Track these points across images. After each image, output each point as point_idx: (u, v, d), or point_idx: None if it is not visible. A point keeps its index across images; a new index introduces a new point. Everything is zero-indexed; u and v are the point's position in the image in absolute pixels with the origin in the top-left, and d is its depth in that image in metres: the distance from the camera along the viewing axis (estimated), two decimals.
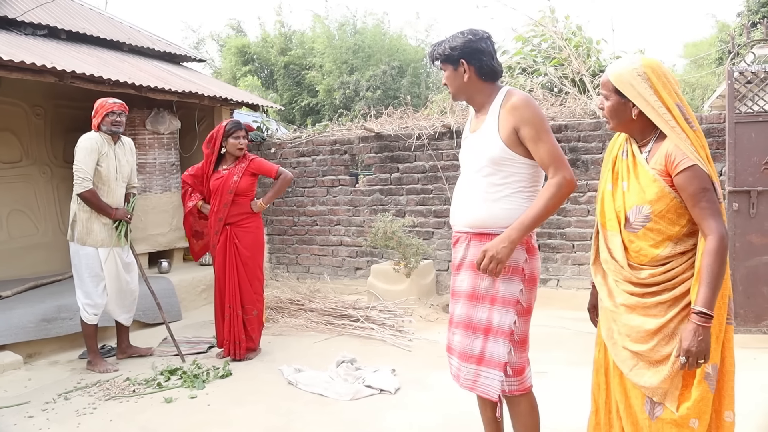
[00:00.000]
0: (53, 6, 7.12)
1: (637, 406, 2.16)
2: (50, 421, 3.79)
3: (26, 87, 6.38)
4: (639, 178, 2.14)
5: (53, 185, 7.07)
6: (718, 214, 2.03)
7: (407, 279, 6.15)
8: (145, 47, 7.95)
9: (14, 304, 5.19)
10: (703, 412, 2.06)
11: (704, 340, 1.99)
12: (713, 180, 2.04)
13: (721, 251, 1.99)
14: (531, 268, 2.54)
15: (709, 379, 2.07)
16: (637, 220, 2.14)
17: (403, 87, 17.65)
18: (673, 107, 2.08)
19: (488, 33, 2.59)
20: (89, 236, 4.63)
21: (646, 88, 2.09)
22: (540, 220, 2.42)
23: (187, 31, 23.72)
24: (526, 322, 2.55)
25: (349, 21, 19.78)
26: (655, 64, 2.12)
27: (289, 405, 3.94)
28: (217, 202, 4.90)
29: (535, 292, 2.60)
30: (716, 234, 2.00)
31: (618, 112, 2.17)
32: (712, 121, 5.35)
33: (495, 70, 2.55)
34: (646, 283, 2.13)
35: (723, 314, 2.07)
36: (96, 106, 4.68)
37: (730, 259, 4.91)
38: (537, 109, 2.44)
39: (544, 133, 2.41)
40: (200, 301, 6.82)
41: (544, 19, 8.28)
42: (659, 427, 2.11)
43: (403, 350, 4.98)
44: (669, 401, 2.10)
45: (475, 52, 2.52)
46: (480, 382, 2.51)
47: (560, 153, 2.43)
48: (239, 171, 4.91)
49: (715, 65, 17.06)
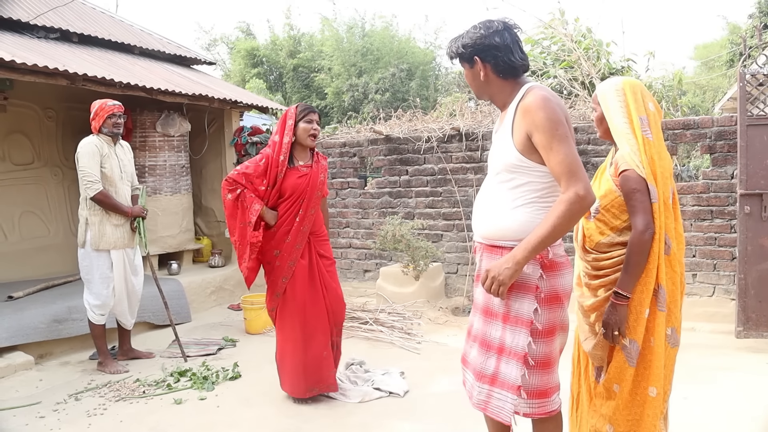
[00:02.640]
0: (65, 9, 7.17)
1: (590, 371, 2.60)
2: (61, 422, 3.81)
3: (38, 90, 6.43)
4: (602, 177, 2.56)
5: (64, 187, 7.11)
6: (644, 212, 2.34)
7: (416, 282, 6.14)
8: (156, 50, 7.99)
9: (26, 305, 5.22)
10: (621, 379, 2.42)
11: (618, 315, 2.36)
12: (649, 183, 2.35)
13: (638, 243, 2.33)
14: (550, 285, 2.29)
15: (626, 351, 2.41)
16: (593, 211, 2.52)
17: (411, 89, 17.66)
18: (634, 118, 2.43)
19: (506, 23, 2.34)
20: (102, 240, 4.66)
21: (616, 102, 2.47)
22: (548, 240, 2.14)
23: (199, 32, 23.75)
24: (547, 344, 2.30)
25: (358, 24, 19.81)
26: (635, 82, 2.53)
27: (298, 407, 3.95)
28: (301, 207, 3.88)
29: (561, 312, 2.33)
30: (637, 228, 2.34)
31: (601, 121, 2.56)
32: (724, 124, 5.32)
33: (513, 66, 2.29)
34: (593, 265, 2.51)
35: (645, 299, 2.36)
36: (95, 108, 4.70)
37: (740, 264, 4.91)
38: (551, 112, 2.15)
39: (556, 141, 2.13)
40: (209, 302, 6.85)
41: (553, 22, 8.26)
42: (599, 390, 2.51)
43: (412, 353, 4.97)
44: (604, 368, 2.51)
45: (488, 48, 2.28)
46: (492, 404, 2.33)
47: (574, 164, 2.12)
48: (322, 169, 4.04)
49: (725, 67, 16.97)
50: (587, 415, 2.59)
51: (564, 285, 2.33)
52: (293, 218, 3.87)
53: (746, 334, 4.93)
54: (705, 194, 5.37)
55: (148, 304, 5.62)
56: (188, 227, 7.29)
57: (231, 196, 3.82)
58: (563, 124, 2.16)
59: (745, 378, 4.14)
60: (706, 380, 4.06)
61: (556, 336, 2.33)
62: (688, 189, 5.42)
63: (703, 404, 3.67)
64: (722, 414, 3.56)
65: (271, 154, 3.87)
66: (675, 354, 2.47)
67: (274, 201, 3.90)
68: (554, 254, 2.30)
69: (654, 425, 2.38)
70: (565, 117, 2.21)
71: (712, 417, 3.52)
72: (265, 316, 5.80)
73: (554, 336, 2.32)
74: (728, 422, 3.47)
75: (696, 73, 20.89)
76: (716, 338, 5.03)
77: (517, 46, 2.31)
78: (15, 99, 6.50)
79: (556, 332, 2.33)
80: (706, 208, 5.38)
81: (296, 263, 3.91)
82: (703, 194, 5.38)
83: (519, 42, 2.34)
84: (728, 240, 5.30)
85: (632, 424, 2.41)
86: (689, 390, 3.77)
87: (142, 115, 6.81)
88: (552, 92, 2.28)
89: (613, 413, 2.44)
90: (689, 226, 5.42)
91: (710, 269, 5.39)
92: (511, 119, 2.26)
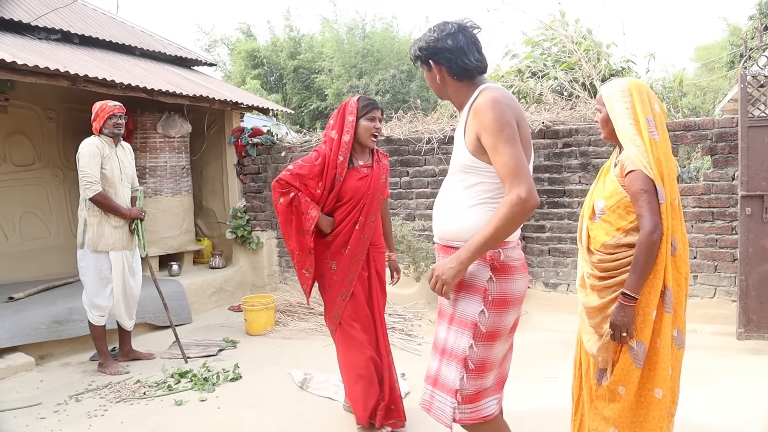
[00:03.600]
0: (66, 11, 7.18)
1: (592, 373, 2.55)
2: (62, 423, 3.81)
3: (39, 91, 6.43)
4: (605, 178, 2.56)
5: (65, 188, 7.11)
6: (652, 213, 2.33)
7: (417, 283, 6.14)
8: (157, 51, 8.00)
9: (26, 306, 5.22)
10: (627, 381, 2.40)
11: (626, 317, 2.34)
12: (657, 184, 2.34)
13: (647, 244, 2.31)
14: (500, 289, 2.25)
15: (633, 353, 2.38)
16: (597, 212, 2.52)
17: (412, 91, 17.68)
18: (641, 119, 2.43)
19: (461, 25, 2.30)
20: (101, 241, 4.66)
21: (621, 103, 2.47)
22: (490, 242, 2.11)
23: (199, 33, 23.77)
24: (486, 348, 2.26)
25: (358, 25, 19.84)
26: (641, 84, 2.54)
27: (299, 409, 3.95)
28: (361, 213, 3.43)
29: (508, 317, 2.29)
30: (645, 229, 2.32)
31: (606, 122, 2.56)
32: (725, 126, 5.32)
33: (466, 69, 2.26)
34: (598, 267, 2.48)
35: (653, 300, 2.34)
36: (95, 109, 4.70)
37: (742, 265, 4.90)
38: (499, 114, 2.12)
39: (501, 142, 2.10)
40: (210, 304, 6.85)
41: (554, 23, 8.26)
42: (601, 393, 2.49)
43: (412, 354, 4.97)
44: (609, 370, 2.47)
45: (441, 50, 2.27)
46: (435, 405, 2.32)
47: (518, 166, 2.08)
48: (384, 169, 3.57)
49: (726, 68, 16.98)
50: (588, 418, 2.57)
51: (515, 290, 2.29)
52: (352, 225, 3.41)
53: (747, 335, 4.93)
54: (706, 195, 5.37)
55: (148, 305, 5.62)
56: (189, 228, 7.29)
57: (284, 200, 3.35)
58: (510, 126, 2.12)
59: (746, 380, 4.13)
60: (707, 382, 4.06)
61: (498, 341, 2.29)
62: (689, 190, 5.42)
63: (705, 406, 3.67)
64: (723, 415, 3.56)
65: (328, 153, 3.39)
66: (681, 355, 2.46)
67: (330, 206, 3.42)
68: (507, 257, 2.26)
69: (660, 427, 2.37)
70: (515, 118, 2.17)
71: (713, 418, 3.52)
72: (266, 317, 5.82)
73: (495, 341, 2.28)
74: (729, 423, 3.46)
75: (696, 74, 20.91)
76: (717, 340, 5.03)
77: (472, 47, 2.28)
78: (16, 100, 6.50)
79: (499, 337, 2.29)
80: (707, 210, 5.38)
81: (356, 278, 3.46)
82: (704, 195, 5.38)
83: (476, 43, 2.30)
84: (729, 241, 5.29)
85: (637, 426, 2.40)
86: (690, 391, 3.76)
87: (143, 116, 6.82)
88: (505, 93, 2.25)
89: (618, 416, 2.42)
90: (690, 227, 5.42)
91: (711, 271, 5.38)
92: (464, 120, 2.26)
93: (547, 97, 6.95)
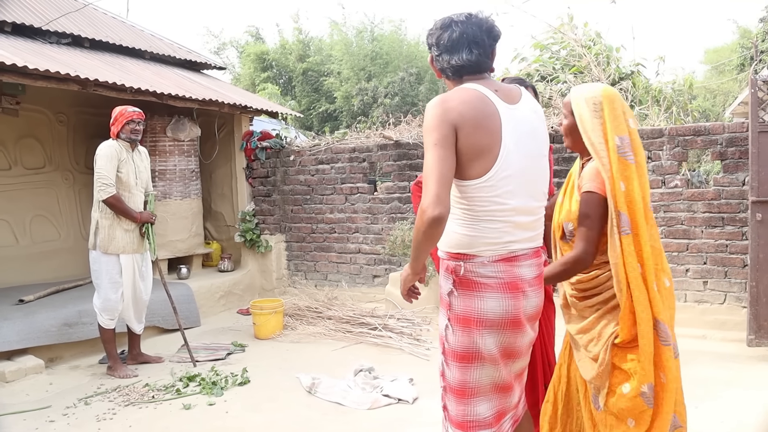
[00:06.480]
0: (77, 15, 7.22)
1: (590, 397, 2.38)
2: (71, 426, 3.83)
3: (50, 94, 6.47)
4: (572, 195, 2.40)
5: (75, 191, 7.15)
6: (587, 242, 2.27)
7: (425, 287, 6.12)
8: (166, 55, 8.04)
9: (37, 309, 5.25)
10: (639, 418, 2.21)
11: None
12: (620, 210, 2.20)
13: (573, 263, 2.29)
14: (463, 305, 2.08)
15: (645, 397, 2.19)
16: (567, 233, 2.39)
17: (420, 93, 17.65)
18: (611, 139, 2.25)
19: (458, 17, 2.12)
20: (111, 243, 4.68)
21: (591, 115, 2.29)
22: (415, 252, 2.05)
23: (208, 36, 23.83)
24: (461, 371, 2.10)
25: (367, 28, 19.83)
26: (614, 95, 2.32)
27: (307, 413, 3.95)
28: None
29: (483, 339, 2.07)
30: (575, 253, 2.29)
31: (572, 131, 2.40)
32: (735, 131, 5.29)
33: (453, 67, 2.12)
34: (577, 287, 2.39)
35: (648, 334, 2.17)
36: (115, 114, 4.75)
37: (752, 271, 4.87)
38: (427, 118, 2.00)
39: (426, 148, 1.99)
40: (219, 307, 6.87)
41: (562, 26, 8.24)
42: (601, 417, 2.31)
43: (421, 359, 4.96)
44: (601, 397, 2.29)
45: (432, 46, 2.17)
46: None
47: (429, 175, 1.94)
48: None
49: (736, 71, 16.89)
50: None
51: (482, 309, 2.06)
52: None
53: (758, 342, 4.88)
54: (716, 201, 5.34)
55: (157, 309, 5.64)
56: (198, 231, 7.32)
57: None
58: (433, 131, 1.97)
59: (756, 387, 4.10)
60: (717, 389, 4.03)
61: (477, 365, 2.10)
62: (699, 195, 5.39)
63: (713, 413, 3.64)
64: (733, 423, 3.53)
65: None
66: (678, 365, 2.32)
67: None
68: (468, 270, 2.07)
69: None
70: (449, 122, 1.97)
71: (722, 426, 3.49)
72: (274, 321, 5.82)
73: (471, 363, 2.09)
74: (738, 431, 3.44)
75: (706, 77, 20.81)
76: (727, 346, 5.00)
77: (463, 44, 2.09)
78: (27, 104, 6.54)
79: (476, 360, 2.09)
80: (717, 215, 5.35)
81: None
82: (714, 201, 5.34)
83: (474, 39, 2.09)
84: (740, 247, 5.26)
85: None
86: (699, 399, 3.74)
87: (153, 120, 6.85)
88: (453, 95, 2.04)
89: None
90: (700, 233, 5.39)
91: (721, 276, 5.35)
92: None
93: (556, 101, 6.94)
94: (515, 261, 2.08)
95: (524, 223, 2.10)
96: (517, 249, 2.09)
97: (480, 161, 2.00)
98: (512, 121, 2.05)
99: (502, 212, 2.04)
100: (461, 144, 1.98)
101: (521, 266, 2.10)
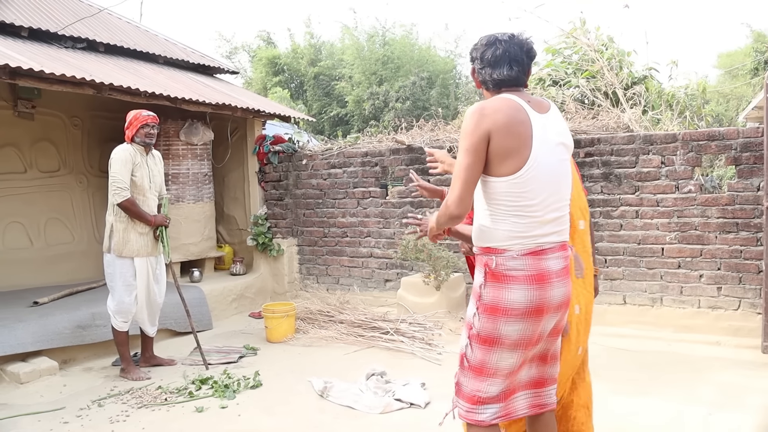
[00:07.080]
0: (92, 20, 7.30)
1: None
2: (84, 428, 3.86)
3: (65, 98, 6.54)
4: None
5: (89, 194, 7.21)
6: None
7: (437, 292, 6.13)
8: (180, 59, 8.10)
9: (51, 311, 5.29)
10: None
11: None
12: None
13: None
14: (492, 295, 2.33)
15: None
16: None
17: (432, 98, 17.65)
18: None
19: (502, 36, 2.40)
20: (126, 246, 4.72)
21: None
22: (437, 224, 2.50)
23: (220, 40, 23.93)
24: (483, 351, 2.37)
25: (378, 32, 19.85)
26: None
27: (319, 417, 3.95)
28: None
29: (506, 327, 2.32)
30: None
31: None
32: (750, 135, 5.25)
33: (494, 80, 2.39)
34: None
35: None
36: (129, 118, 4.78)
37: (767, 277, 4.82)
38: (466, 124, 2.28)
39: (460, 150, 2.30)
40: (231, 310, 6.89)
41: (575, 31, 8.22)
42: None
43: (433, 363, 4.95)
44: None
45: (476, 59, 2.44)
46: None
47: (456, 176, 2.29)
48: None
49: (750, 76, 16.76)
50: None
51: (509, 299, 2.31)
52: None
53: None
54: (730, 206, 5.30)
55: (170, 312, 5.67)
56: (210, 235, 7.35)
57: None
58: (469, 136, 2.26)
59: None
60: (731, 396, 3.99)
61: (498, 349, 2.35)
62: (713, 201, 5.35)
63: (729, 421, 3.61)
64: (748, 430, 3.50)
65: None
66: None
67: None
68: (499, 264, 2.32)
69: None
70: (484, 128, 2.24)
71: None
72: (286, 324, 5.84)
73: (493, 347, 2.35)
74: None
75: (719, 81, 20.64)
76: (742, 353, 4.95)
77: (505, 61, 2.36)
78: (42, 107, 6.62)
79: (498, 345, 2.35)
80: (731, 221, 5.31)
81: None
82: (729, 206, 5.31)
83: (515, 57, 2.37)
84: (754, 253, 5.22)
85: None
86: (713, 406, 3.71)
87: (166, 124, 6.90)
88: (490, 103, 2.31)
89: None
90: (714, 238, 5.35)
91: (736, 282, 5.31)
92: None
93: (568, 106, 6.92)
94: (542, 254, 2.32)
95: (550, 219, 2.33)
96: (544, 242, 2.33)
97: (511, 161, 2.26)
98: (541, 128, 2.30)
99: (530, 208, 2.29)
100: (494, 146, 2.25)
101: (548, 259, 2.33)
